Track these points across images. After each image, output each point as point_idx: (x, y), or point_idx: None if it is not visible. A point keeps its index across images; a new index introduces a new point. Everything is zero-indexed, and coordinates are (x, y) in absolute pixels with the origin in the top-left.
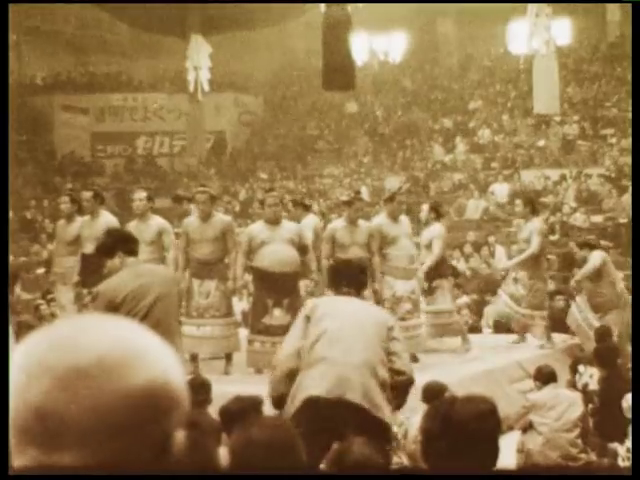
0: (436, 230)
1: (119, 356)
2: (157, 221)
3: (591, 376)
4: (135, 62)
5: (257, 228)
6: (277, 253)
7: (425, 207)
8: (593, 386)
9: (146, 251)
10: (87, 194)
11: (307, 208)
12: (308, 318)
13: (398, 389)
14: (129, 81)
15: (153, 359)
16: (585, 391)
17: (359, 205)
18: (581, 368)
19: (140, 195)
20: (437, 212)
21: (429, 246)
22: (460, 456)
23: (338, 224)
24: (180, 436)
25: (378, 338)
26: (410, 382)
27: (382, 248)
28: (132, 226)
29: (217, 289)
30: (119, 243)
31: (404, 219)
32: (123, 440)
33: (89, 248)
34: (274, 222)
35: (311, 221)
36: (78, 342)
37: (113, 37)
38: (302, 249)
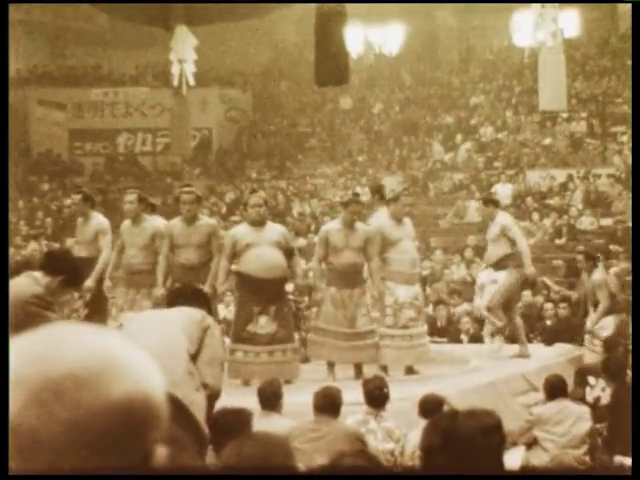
0: (506, 220)
1: (95, 369)
2: (152, 223)
3: (603, 389)
4: (116, 54)
5: (241, 230)
6: (263, 257)
7: (473, 204)
8: (606, 400)
9: (139, 256)
10: (76, 197)
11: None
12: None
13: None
14: (109, 75)
15: (132, 372)
16: (596, 406)
17: (356, 208)
18: (591, 380)
19: (130, 198)
20: (494, 202)
21: (495, 240)
22: (462, 473)
23: (332, 226)
24: (161, 452)
25: (183, 347)
26: (215, 396)
27: (383, 251)
28: (125, 228)
29: None
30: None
31: (408, 221)
32: (99, 457)
33: (81, 252)
34: (258, 224)
35: None
36: (52, 354)
37: (92, 28)
38: (288, 252)
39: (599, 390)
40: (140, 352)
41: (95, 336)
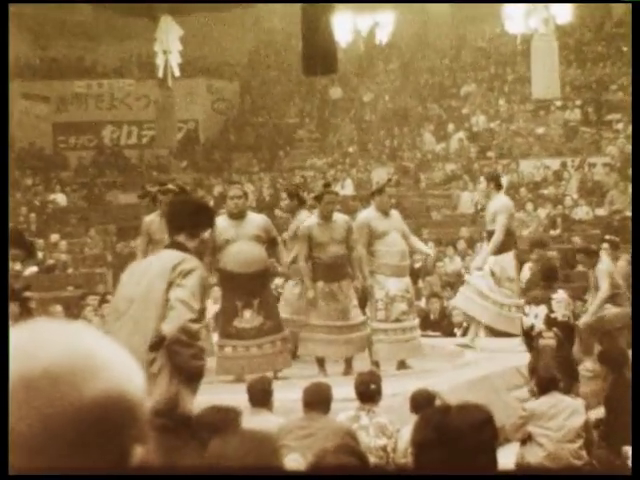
0: (500, 202)
1: (69, 367)
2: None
3: (536, 316)
4: (100, 46)
5: (221, 224)
6: (241, 254)
7: (466, 195)
8: (539, 326)
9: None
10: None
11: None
12: None
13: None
14: (93, 66)
15: (108, 370)
16: (529, 335)
17: (329, 198)
18: (527, 308)
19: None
20: (497, 183)
21: (494, 221)
22: (455, 469)
23: (312, 222)
24: (139, 451)
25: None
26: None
27: (370, 244)
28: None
29: None
30: None
31: (395, 213)
32: (75, 456)
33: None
34: (237, 217)
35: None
36: (27, 351)
37: (76, 19)
38: (271, 242)
39: (532, 317)
40: (119, 349)
41: (72, 334)
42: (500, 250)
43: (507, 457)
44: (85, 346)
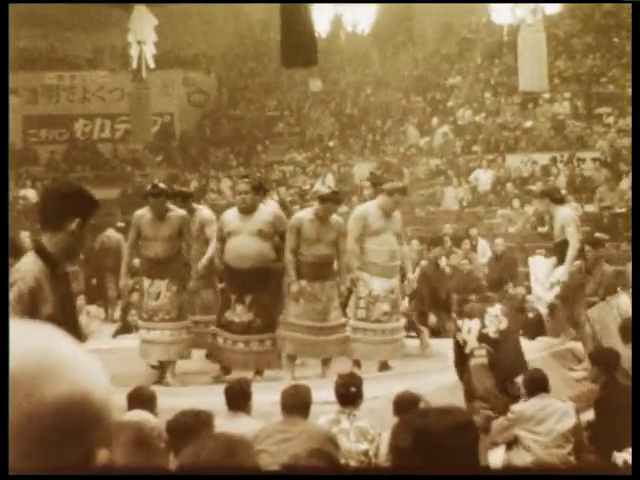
0: (565, 214)
1: (31, 370)
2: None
3: (469, 331)
4: (72, 36)
5: (229, 216)
6: (240, 248)
7: (450, 191)
8: (472, 343)
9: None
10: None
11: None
12: None
13: None
14: (64, 57)
15: (70, 372)
16: (460, 346)
17: (332, 207)
18: (459, 322)
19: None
20: (552, 197)
21: (563, 233)
22: (435, 473)
23: (305, 215)
24: (103, 455)
25: None
26: None
27: (362, 240)
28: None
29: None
30: None
31: (397, 216)
32: (39, 458)
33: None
34: (246, 211)
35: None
36: None
37: (46, 8)
38: (281, 237)
39: (465, 332)
40: (83, 352)
41: (35, 336)
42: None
43: (493, 462)
44: (47, 349)
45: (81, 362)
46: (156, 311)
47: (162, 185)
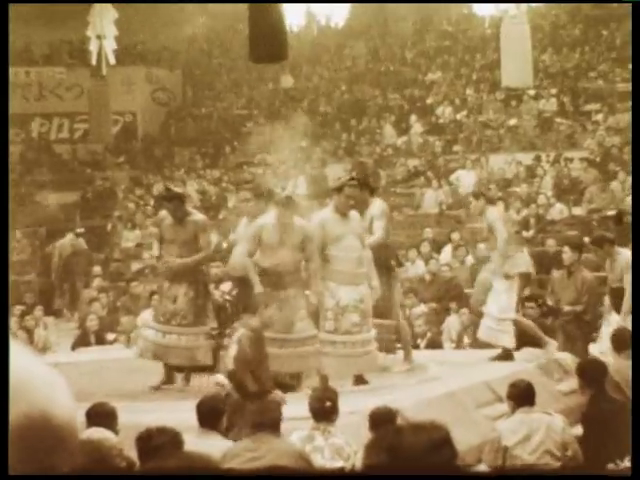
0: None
1: None
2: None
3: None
4: (27, 30)
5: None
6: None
7: (430, 193)
8: None
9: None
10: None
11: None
12: None
13: None
14: (20, 53)
15: (31, 392)
16: None
17: (294, 207)
18: None
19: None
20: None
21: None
22: None
23: (266, 220)
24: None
25: None
26: None
27: (324, 248)
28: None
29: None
30: None
31: (355, 215)
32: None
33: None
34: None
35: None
36: None
37: None
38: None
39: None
40: (47, 369)
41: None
42: None
43: None
44: (12, 368)
45: (44, 381)
46: (173, 315)
47: (176, 189)
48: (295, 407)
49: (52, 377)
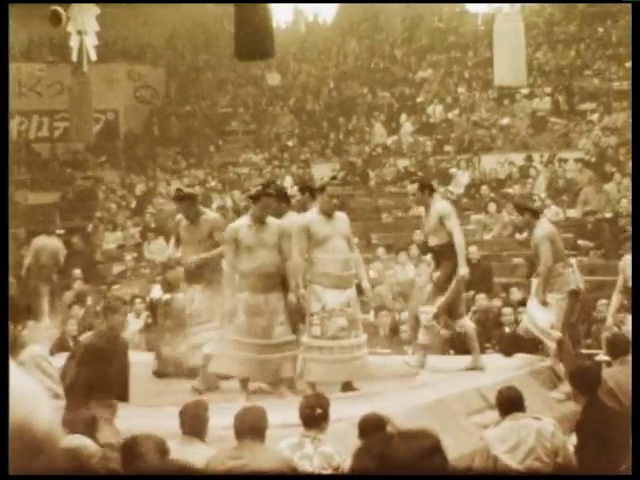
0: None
1: None
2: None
3: None
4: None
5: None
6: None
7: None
8: None
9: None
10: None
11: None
12: None
13: None
14: None
15: (13, 404)
16: None
17: (267, 201)
18: None
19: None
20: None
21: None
22: None
23: (241, 223)
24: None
25: None
26: None
27: (309, 251)
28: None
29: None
30: None
31: (340, 216)
32: None
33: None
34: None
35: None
36: None
37: None
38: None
39: None
40: (28, 382)
41: None
42: None
43: None
44: None
45: (25, 393)
46: (192, 316)
47: (186, 189)
48: (283, 414)
49: (34, 390)
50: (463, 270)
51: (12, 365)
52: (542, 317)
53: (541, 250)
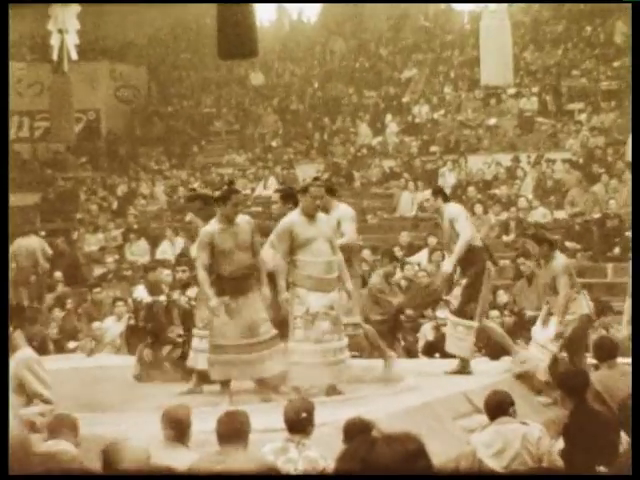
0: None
1: None
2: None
3: None
4: None
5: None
6: None
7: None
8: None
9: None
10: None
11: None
12: None
13: None
14: None
15: None
16: None
17: (236, 199)
18: None
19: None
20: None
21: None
22: None
23: (213, 226)
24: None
25: None
26: None
27: (292, 253)
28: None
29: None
30: None
31: (324, 217)
32: None
33: None
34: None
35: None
36: None
37: None
38: None
39: None
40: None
41: None
42: None
43: None
44: None
45: None
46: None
47: (199, 190)
48: (267, 418)
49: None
50: (446, 267)
51: None
52: (541, 332)
53: (560, 282)
